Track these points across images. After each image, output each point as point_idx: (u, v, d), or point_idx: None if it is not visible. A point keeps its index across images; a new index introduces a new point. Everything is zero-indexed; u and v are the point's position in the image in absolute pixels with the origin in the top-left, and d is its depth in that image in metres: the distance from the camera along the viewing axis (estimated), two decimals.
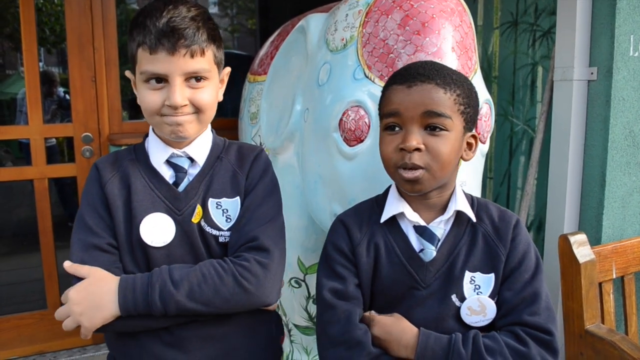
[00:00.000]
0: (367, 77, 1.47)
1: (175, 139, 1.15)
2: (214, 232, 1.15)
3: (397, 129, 1.08)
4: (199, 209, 1.14)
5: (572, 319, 1.72)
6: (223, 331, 1.14)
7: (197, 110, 1.13)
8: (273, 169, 1.26)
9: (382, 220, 1.15)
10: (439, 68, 1.10)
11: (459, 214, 1.14)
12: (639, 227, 2.08)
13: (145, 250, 1.11)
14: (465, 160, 1.15)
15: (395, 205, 1.16)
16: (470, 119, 1.11)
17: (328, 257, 1.19)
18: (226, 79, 1.25)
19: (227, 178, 1.18)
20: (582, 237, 1.74)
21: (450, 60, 1.43)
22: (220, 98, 1.21)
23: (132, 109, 5.53)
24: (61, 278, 2.83)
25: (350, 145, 1.48)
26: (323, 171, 1.58)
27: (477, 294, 1.10)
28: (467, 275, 1.11)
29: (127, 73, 1.17)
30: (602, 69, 1.97)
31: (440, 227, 1.13)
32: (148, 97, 1.10)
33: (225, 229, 1.15)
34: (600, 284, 1.79)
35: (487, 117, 1.52)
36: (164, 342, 1.11)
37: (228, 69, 1.24)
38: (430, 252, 1.11)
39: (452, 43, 1.45)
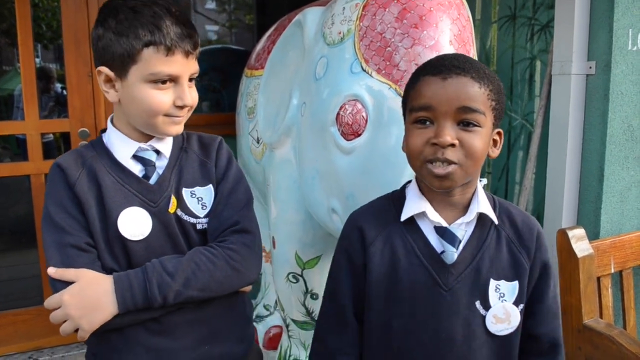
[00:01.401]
0: (364, 70, 1.46)
1: (168, 136, 1.19)
2: (192, 220, 1.18)
3: (427, 122, 1.03)
4: (173, 199, 1.16)
5: (571, 314, 1.72)
6: (207, 314, 1.17)
7: (190, 108, 1.18)
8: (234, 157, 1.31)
9: (402, 219, 1.10)
10: (472, 61, 1.05)
11: (482, 215, 1.09)
12: (637, 222, 2.08)
13: (124, 245, 1.12)
14: (491, 157, 1.09)
15: (416, 204, 1.10)
16: (499, 116, 1.06)
17: (335, 255, 1.18)
18: None
19: (196, 167, 1.22)
20: (581, 231, 1.74)
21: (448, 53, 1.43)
22: None
23: None
24: None
25: (347, 140, 1.47)
26: (320, 166, 1.57)
27: (502, 301, 1.08)
28: (492, 282, 1.08)
29: (103, 69, 1.12)
30: (600, 63, 1.96)
31: (462, 228, 1.08)
32: (157, 98, 1.10)
33: (202, 216, 1.19)
34: (598, 279, 1.78)
35: None
36: (152, 331, 1.12)
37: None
38: (452, 254, 1.06)
39: (450, 36, 1.44)
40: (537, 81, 2.26)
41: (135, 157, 1.17)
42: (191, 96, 1.14)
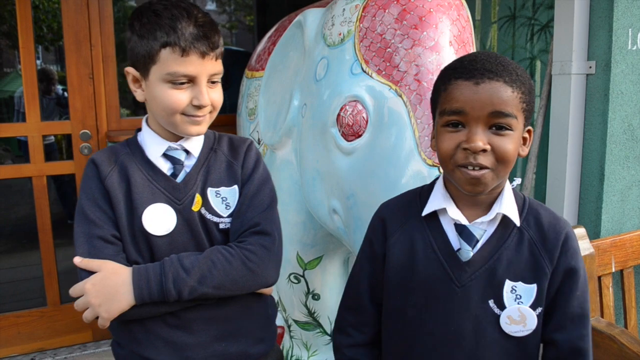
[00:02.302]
0: (364, 71, 1.47)
1: (189, 136, 1.21)
2: (215, 219, 1.20)
3: (459, 126, 1.02)
4: (198, 198, 1.19)
5: None
6: (225, 313, 1.19)
7: (212, 108, 1.20)
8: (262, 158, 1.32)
9: (423, 214, 1.12)
10: (504, 63, 1.03)
11: (506, 216, 1.08)
12: (637, 221, 2.08)
13: (148, 240, 1.16)
14: (521, 156, 1.08)
15: (438, 201, 1.11)
16: (529, 115, 1.06)
17: (362, 243, 1.22)
18: None
19: (223, 168, 1.24)
20: (581, 230, 1.74)
21: (448, 54, 1.43)
22: None
23: (132, 106, 5.53)
24: (60, 276, 2.83)
25: (348, 140, 1.47)
26: (321, 166, 1.58)
27: (518, 303, 1.07)
28: (508, 284, 1.07)
29: (130, 69, 1.19)
30: (600, 62, 1.96)
31: (481, 227, 1.08)
32: (174, 97, 1.14)
33: (225, 216, 1.21)
34: (599, 278, 1.79)
35: None
36: (170, 324, 1.16)
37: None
38: (467, 252, 1.07)
39: (450, 37, 1.44)
40: (538, 81, 2.26)
41: (165, 155, 1.22)
42: (210, 96, 1.17)
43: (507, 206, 1.07)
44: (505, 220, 1.08)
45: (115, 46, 2.79)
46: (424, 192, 1.17)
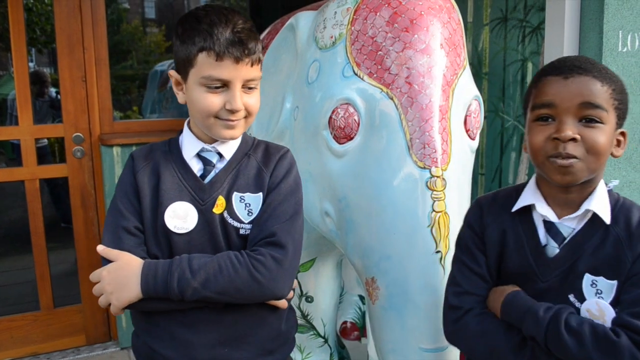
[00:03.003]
0: (356, 74, 1.47)
1: (229, 139, 1.24)
2: (236, 223, 1.22)
3: (549, 120, 1.07)
4: (220, 200, 1.21)
5: None
6: (233, 318, 1.20)
7: (247, 114, 1.22)
8: (297, 169, 1.32)
9: (513, 209, 1.16)
10: (593, 62, 1.09)
11: (596, 214, 1.10)
12: None
13: (168, 236, 1.19)
14: (615, 156, 1.12)
15: (529, 197, 1.15)
16: (622, 116, 1.09)
17: (460, 233, 1.27)
18: None
19: (252, 174, 1.26)
20: None
21: (439, 57, 1.44)
22: None
23: (126, 108, 5.52)
24: (54, 279, 2.83)
25: (340, 143, 1.48)
26: (313, 169, 1.58)
27: (598, 297, 1.07)
28: (588, 277, 1.08)
29: (173, 72, 1.24)
30: None
31: (569, 225, 1.11)
32: (208, 100, 1.17)
33: (246, 222, 1.23)
34: None
35: (476, 114, 1.52)
36: (177, 320, 1.19)
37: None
38: (553, 248, 1.10)
39: (441, 40, 1.45)
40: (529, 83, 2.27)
41: (199, 156, 1.26)
42: (244, 101, 1.19)
43: (598, 204, 1.09)
44: (594, 218, 1.09)
45: (108, 49, 2.79)
46: (520, 188, 1.21)
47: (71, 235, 2.83)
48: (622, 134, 1.12)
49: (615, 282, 1.06)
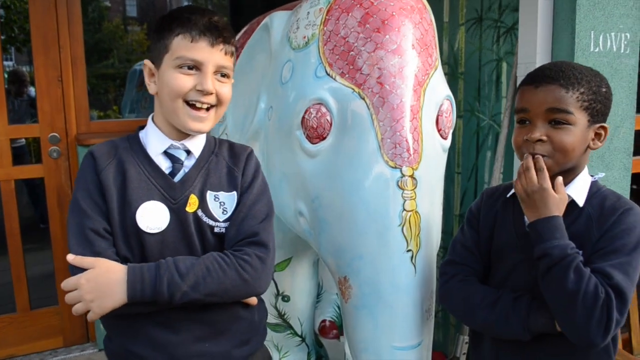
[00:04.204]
0: (328, 74, 1.47)
1: (190, 132, 1.23)
2: (210, 222, 1.22)
3: (527, 122, 1.25)
4: (193, 199, 1.21)
5: None
6: (211, 316, 1.21)
7: (218, 102, 1.22)
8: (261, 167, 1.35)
9: (507, 196, 1.36)
10: (565, 69, 1.24)
11: (573, 201, 1.25)
12: None
13: (140, 236, 1.17)
14: (592, 149, 1.27)
15: None
16: (598, 112, 1.23)
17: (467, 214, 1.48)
18: None
19: (223, 173, 1.26)
20: None
21: (410, 57, 1.45)
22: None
23: (105, 108, 5.47)
24: (31, 281, 2.80)
25: (312, 143, 1.48)
26: (287, 169, 1.58)
27: None
28: None
29: (147, 62, 1.25)
30: None
31: None
32: (179, 80, 1.18)
33: (221, 220, 1.23)
34: None
35: (448, 113, 1.54)
36: (157, 323, 1.18)
37: None
38: None
39: (412, 40, 1.46)
40: (504, 82, 2.29)
41: (166, 153, 1.24)
42: (216, 88, 1.20)
43: (575, 190, 1.26)
44: (572, 202, 1.25)
45: (84, 48, 2.76)
46: None
47: (50, 236, 2.80)
48: (603, 127, 1.26)
49: (580, 253, 1.18)
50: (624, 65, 2.12)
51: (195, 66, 1.19)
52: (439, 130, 1.52)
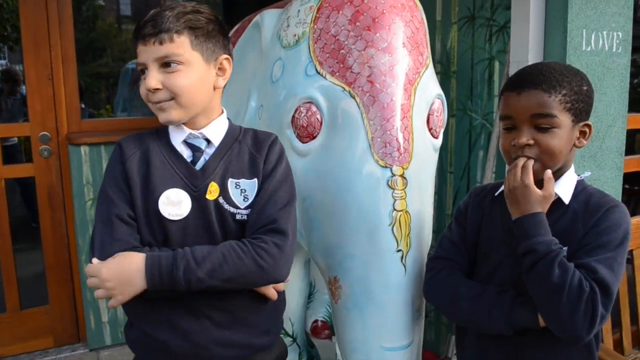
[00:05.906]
0: (318, 73, 1.47)
1: (165, 123, 1.24)
2: (232, 209, 1.23)
3: (512, 128, 1.25)
4: (214, 186, 1.22)
5: None
6: (231, 303, 1.23)
7: (173, 94, 1.20)
8: (286, 155, 1.33)
9: (495, 194, 1.37)
10: (545, 72, 1.23)
11: (560, 199, 1.26)
12: None
13: (162, 223, 1.20)
14: (577, 147, 1.27)
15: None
16: (581, 111, 1.23)
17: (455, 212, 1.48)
18: (227, 67, 1.29)
19: (245, 160, 1.27)
20: None
21: (401, 55, 1.44)
22: (220, 85, 1.28)
23: (97, 106, 5.44)
24: (21, 280, 2.78)
25: (302, 142, 1.47)
26: None
27: None
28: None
29: None
30: None
31: None
32: (141, 87, 1.22)
33: (242, 207, 1.24)
34: None
35: (438, 112, 1.53)
36: (177, 308, 1.20)
37: (223, 56, 1.27)
38: None
39: (403, 39, 1.45)
40: (496, 81, 2.29)
41: (186, 143, 1.26)
42: (163, 81, 1.18)
43: (561, 188, 1.27)
44: (559, 200, 1.26)
45: (75, 47, 2.74)
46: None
47: (40, 236, 2.78)
48: (587, 125, 1.27)
49: (565, 249, 1.20)
50: (616, 64, 2.12)
51: (144, 69, 1.21)
52: (430, 129, 1.51)
